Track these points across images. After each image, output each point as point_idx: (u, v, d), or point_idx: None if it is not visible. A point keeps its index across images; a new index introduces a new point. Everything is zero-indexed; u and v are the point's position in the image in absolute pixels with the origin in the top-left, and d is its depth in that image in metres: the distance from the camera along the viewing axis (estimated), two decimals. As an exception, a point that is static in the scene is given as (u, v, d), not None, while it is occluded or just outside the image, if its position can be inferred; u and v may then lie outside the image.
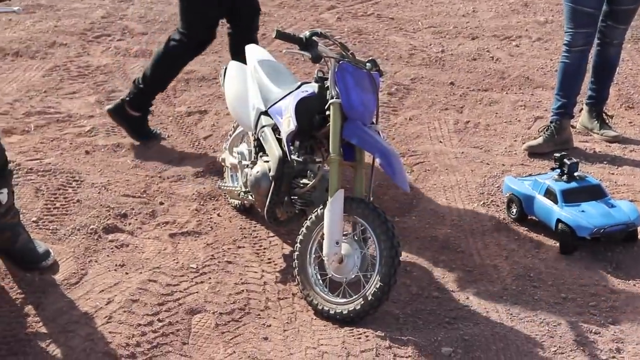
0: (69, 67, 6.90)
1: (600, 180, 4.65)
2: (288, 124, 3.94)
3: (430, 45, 7.69)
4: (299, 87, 4.09)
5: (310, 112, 3.95)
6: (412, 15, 8.55)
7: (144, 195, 4.92)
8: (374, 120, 4.00)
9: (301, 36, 3.85)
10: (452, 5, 8.93)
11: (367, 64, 3.94)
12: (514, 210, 4.65)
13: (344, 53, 3.89)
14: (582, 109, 5.78)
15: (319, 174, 3.96)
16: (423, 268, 4.24)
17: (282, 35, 3.86)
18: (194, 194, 4.93)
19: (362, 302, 3.63)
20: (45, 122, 5.84)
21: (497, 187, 5.00)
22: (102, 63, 7.01)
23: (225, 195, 4.82)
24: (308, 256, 3.86)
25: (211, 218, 4.69)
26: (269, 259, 4.29)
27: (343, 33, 7.85)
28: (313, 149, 4.11)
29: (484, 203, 4.91)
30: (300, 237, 3.88)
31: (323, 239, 3.75)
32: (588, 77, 5.73)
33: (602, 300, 3.98)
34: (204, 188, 5.00)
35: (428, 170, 5.29)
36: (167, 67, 5.40)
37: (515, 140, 5.67)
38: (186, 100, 6.07)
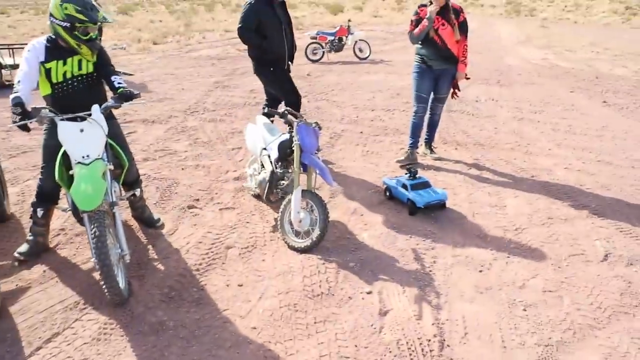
0: (177, 127, 6.76)
1: (429, 178, 4.58)
2: (275, 154, 3.91)
3: (351, 114, 7.50)
4: (280, 135, 4.03)
5: (285, 148, 3.91)
6: (343, 100, 8.37)
7: (208, 189, 4.80)
8: (317, 151, 3.95)
9: (280, 111, 3.81)
10: (362, 95, 8.68)
11: (313, 123, 3.90)
12: (388, 194, 4.58)
13: (301, 119, 3.85)
14: (422, 144, 5.68)
15: (290, 179, 3.94)
16: (342, 224, 4.13)
17: (267, 113, 3.87)
18: (233, 189, 4.80)
19: (310, 242, 3.62)
20: (164, 154, 5.71)
21: (380, 182, 4.86)
22: (192, 125, 6.87)
23: (247, 189, 4.69)
24: (285, 218, 3.82)
25: (240, 200, 4.56)
26: (267, 220, 4.18)
27: (311, 108, 7.70)
28: (287, 166, 4.03)
29: (374, 191, 4.77)
30: (281, 209, 3.87)
31: (291, 210, 3.70)
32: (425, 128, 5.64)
33: (428, 238, 3.93)
34: (238, 186, 4.86)
35: (347, 174, 5.17)
36: None
37: (391, 160, 5.57)
38: (231, 142, 5.99)
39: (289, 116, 3.86)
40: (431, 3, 5.00)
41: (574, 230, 4.06)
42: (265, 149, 4.13)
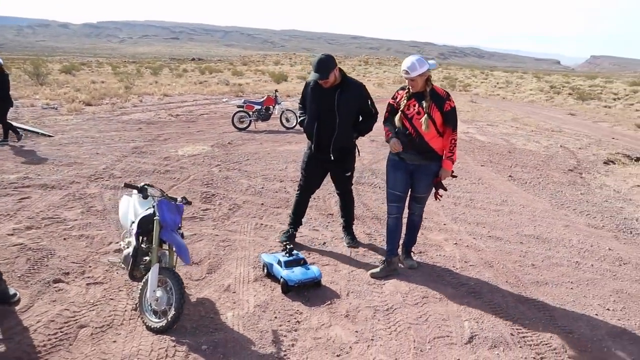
0: (75, 194, 6.54)
1: (314, 253, 4.52)
2: (135, 229, 3.84)
3: (258, 184, 7.43)
4: (147, 209, 3.94)
5: (147, 223, 3.81)
6: (256, 170, 8.29)
7: (82, 262, 4.59)
8: (180, 227, 3.91)
9: (139, 186, 3.79)
10: (276, 165, 8.58)
11: (179, 198, 3.88)
12: (265, 271, 4.50)
13: (162, 194, 3.81)
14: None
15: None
16: (210, 302, 4.03)
17: (128, 185, 3.79)
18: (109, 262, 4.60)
19: (166, 322, 3.53)
20: (50, 222, 5.48)
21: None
22: (92, 192, 6.67)
23: (114, 265, 4.37)
24: (143, 296, 3.71)
25: (112, 275, 4.36)
26: (133, 297, 3.99)
27: (219, 178, 7.61)
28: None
29: (254, 266, 4.69)
30: (141, 286, 3.75)
31: (147, 288, 3.64)
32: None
33: (294, 318, 3.89)
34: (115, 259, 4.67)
35: (233, 248, 5.09)
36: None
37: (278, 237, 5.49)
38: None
39: (151, 190, 3.80)
40: (409, 89, 4.26)
41: (446, 310, 4.09)
42: (134, 222, 4.02)
